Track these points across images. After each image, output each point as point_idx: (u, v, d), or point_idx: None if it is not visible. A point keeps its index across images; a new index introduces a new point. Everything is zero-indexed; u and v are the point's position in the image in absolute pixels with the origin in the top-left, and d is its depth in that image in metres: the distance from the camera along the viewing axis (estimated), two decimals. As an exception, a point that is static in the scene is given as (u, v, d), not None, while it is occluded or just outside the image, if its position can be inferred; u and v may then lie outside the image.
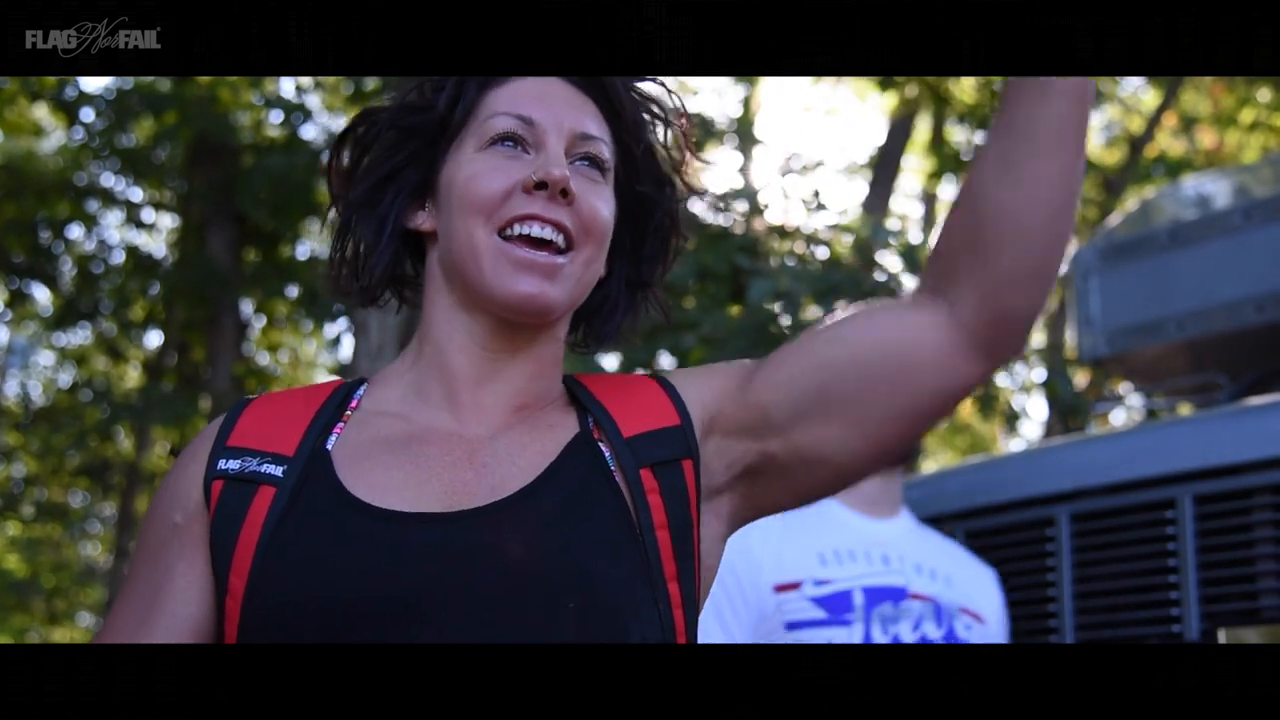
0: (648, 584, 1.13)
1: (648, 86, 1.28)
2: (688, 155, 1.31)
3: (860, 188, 12.26)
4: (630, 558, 1.14)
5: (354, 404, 1.23)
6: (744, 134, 9.01)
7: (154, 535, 1.19)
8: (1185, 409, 4.40)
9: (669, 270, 1.33)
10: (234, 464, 1.15)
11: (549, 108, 1.21)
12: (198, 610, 1.15)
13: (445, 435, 1.19)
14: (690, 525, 1.18)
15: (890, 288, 5.95)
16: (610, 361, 5.99)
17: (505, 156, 1.19)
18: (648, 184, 1.28)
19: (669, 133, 1.30)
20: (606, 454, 1.19)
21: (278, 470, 1.15)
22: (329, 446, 1.17)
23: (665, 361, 6.15)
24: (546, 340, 1.24)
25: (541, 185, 1.17)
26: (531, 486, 1.15)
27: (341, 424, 1.20)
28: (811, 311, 5.59)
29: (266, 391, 1.26)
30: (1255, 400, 2.74)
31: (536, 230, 1.16)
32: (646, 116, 1.28)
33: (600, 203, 1.21)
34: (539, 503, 1.14)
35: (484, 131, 1.21)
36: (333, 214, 1.29)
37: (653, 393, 1.24)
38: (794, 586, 2.09)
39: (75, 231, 11.87)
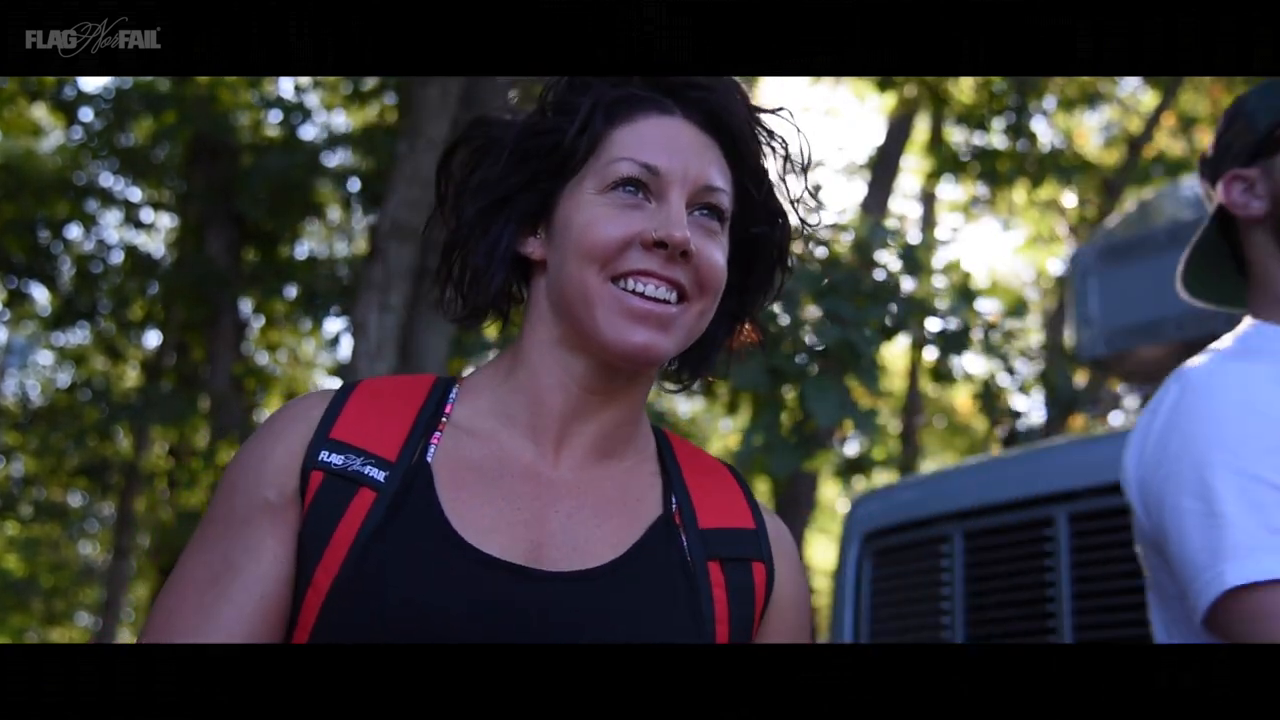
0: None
1: (771, 120, 1.25)
2: (805, 191, 1.28)
3: (859, 188, 12.27)
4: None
5: (448, 409, 1.22)
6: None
7: (237, 508, 1.16)
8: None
9: (773, 300, 1.32)
10: (337, 459, 1.15)
11: (674, 156, 1.18)
12: (274, 590, 1.13)
13: (531, 473, 1.19)
14: (751, 625, 1.20)
15: (889, 287, 5.96)
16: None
17: (626, 205, 1.17)
18: (762, 224, 1.27)
19: (788, 166, 1.27)
20: (684, 542, 1.20)
21: (380, 475, 1.14)
22: (429, 459, 1.17)
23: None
24: (641, 384, 1.24)
25: (661, 244, 1.15)
26: (616, 564, 1.16)
27: (438, 433, 1.20)
28: (810, 311, 5.60)
29: (364, 381, 1.24)
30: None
31: (652, 289, 1.16)
32: (770, 155, 1.26)
33: (718, 254, 1.19)
34: (622, 583, 1.15)
35: (607, 174, 1.18)
36: (440, 224, 1.26)
37: (732, 490, 1.27)
38: None
39: (74, 231, 11.90)
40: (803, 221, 1.30)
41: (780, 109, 1.26)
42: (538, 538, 1.15)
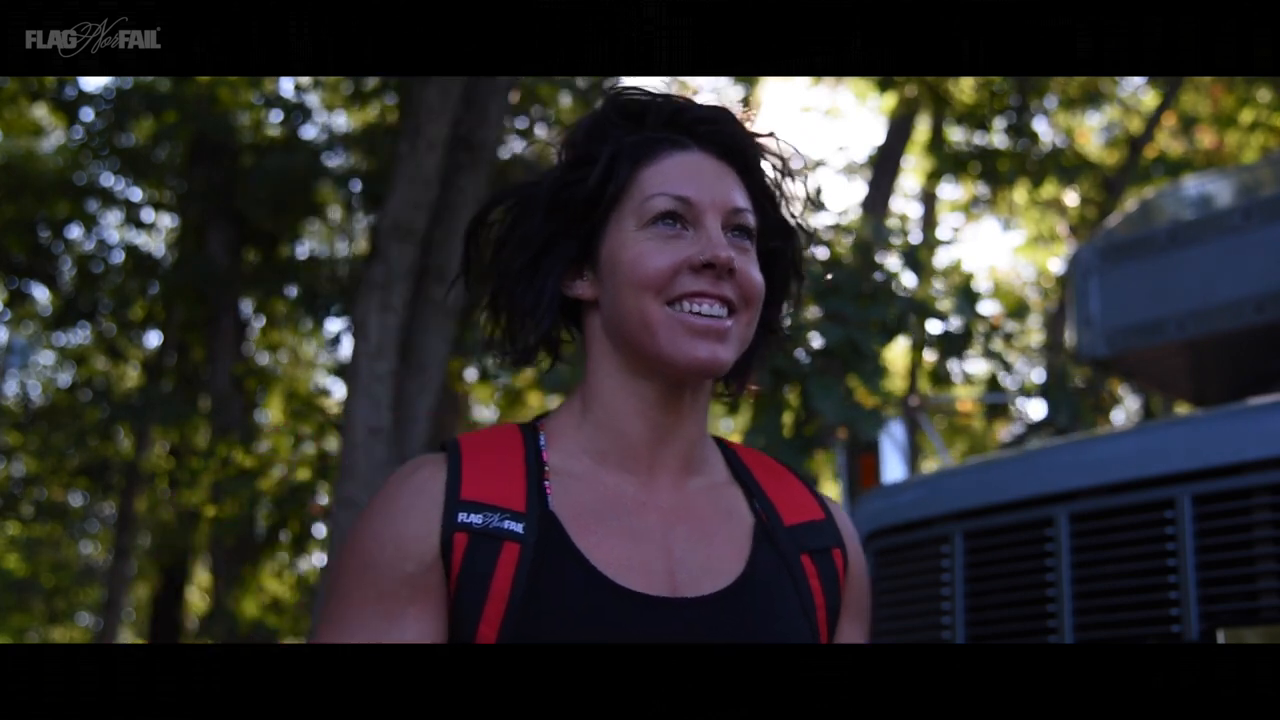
0: None
1: (772, 143, 1.36)
2: (808, 205, 1.41)
3: (860, 188, 12.28)
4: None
5: (545, 456, 1.31)
6: (744, 134, 8.95)
7: (375, 584, 1.21)
8: (1184, 408, 4.41)
9: (793, 311, 1.44)
10: (476, 518, 1.22)
11: (701, 185, 1.29)
12: None
13: (641, 504, 1.29)
14: (838, 607, 1.35)
15: (890, 287, 5.96)
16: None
17: (667, 236, 1.28)
18: (777, 238, 1.38)
19: (793, 185, 1.38)
20: (778, 542, 1.33)
21: (518, 527, 1.22)
22: (551, 508, 1.25)
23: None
24: (704, 399, 1.35)
25: (708, 265, 1.26)
26: (739, 582, 1.27)
27: (547, 481, 1.28)
28: (812, 311, 5.59)
29: (462, 436, 1.31)
30: (1255, 400, 2.73)
31: (706, 308, 1.26)
32: (774, 174, 1.37)
33: (754, 269, 1.31)
34: (750, 598, 1.26)
35: (644, 210, 1.29)
36: (474, 280, 1.36)
37: (797, 486, 1.41)
38: None
39: (75, 231, 11.89)
40: (807, 232, 1.42)
41: (771, 133, 1.37)
42: (669, 566, 1.25)
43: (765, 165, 1.36)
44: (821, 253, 6.16)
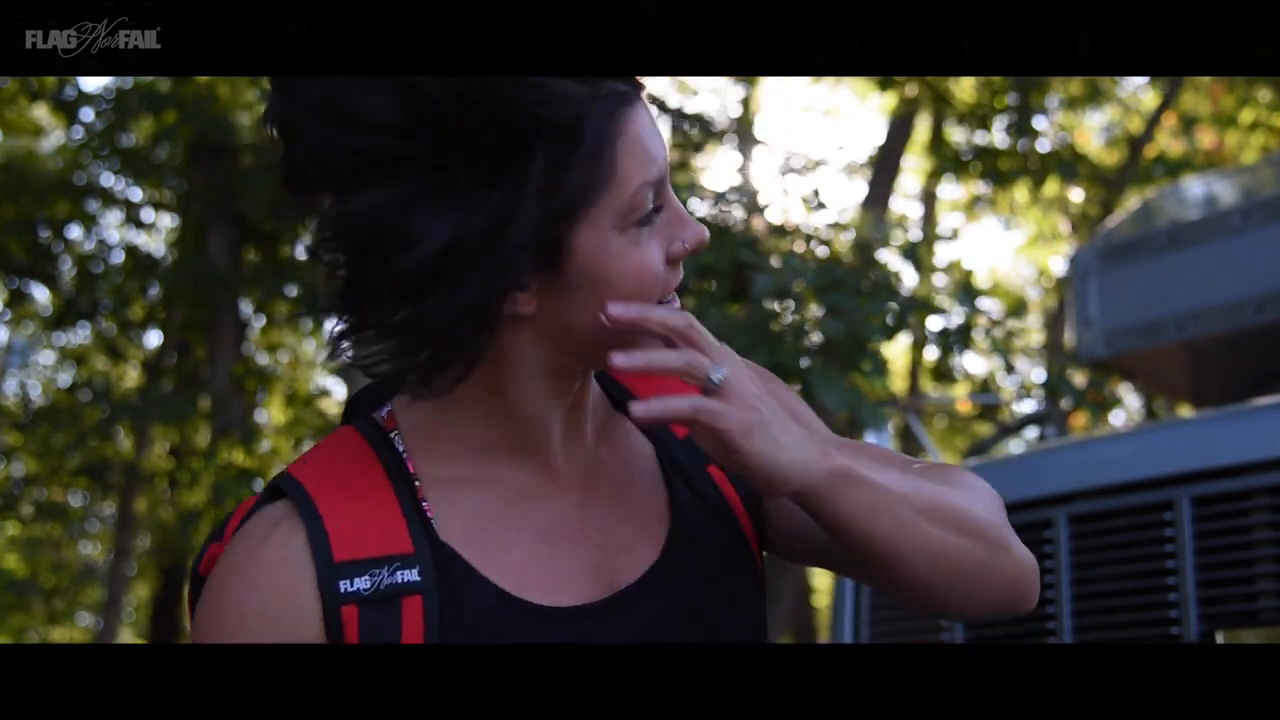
0: (760, 595, 1.16)
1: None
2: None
3: (860, 187, 12.29)
4: (752, 593, 1.15)
5: (411, 468, 1.05)
6: (744, 134, 9.02)
7: None
8: (1185, 410, 4.41)
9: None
10: (363, 582, 0.98)
11: (662, 152, 1.01)
12: None
13: (540, 492, 1.08)
14: (757, 495, 1.18)
15: (890, 284, 5.97)
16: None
17: (644, 227, 0.99)
18: None
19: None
20: (679, 467, 1.15)
21: (413, 575, 0.99)
22: (441, 535, 1.02)
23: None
24: None
25: (689, 254, 1.03)
26: (667, 550, 1.10)
27: (425, 502, 1.04)
28: (812, 309, 5.60)
29: (304, 479, 1.04)
30: (1255, 401, 2.73)
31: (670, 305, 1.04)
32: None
33: None
34: (683, 551, 1.11)
35: (631, 207, 0.97)
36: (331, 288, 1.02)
37: (677, 385, 1.11)
38: None
39: (75, 231, 11.89)
40: None
41: None
42: (592, 559, 1.07)
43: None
44: (822, 251, 6.17)
